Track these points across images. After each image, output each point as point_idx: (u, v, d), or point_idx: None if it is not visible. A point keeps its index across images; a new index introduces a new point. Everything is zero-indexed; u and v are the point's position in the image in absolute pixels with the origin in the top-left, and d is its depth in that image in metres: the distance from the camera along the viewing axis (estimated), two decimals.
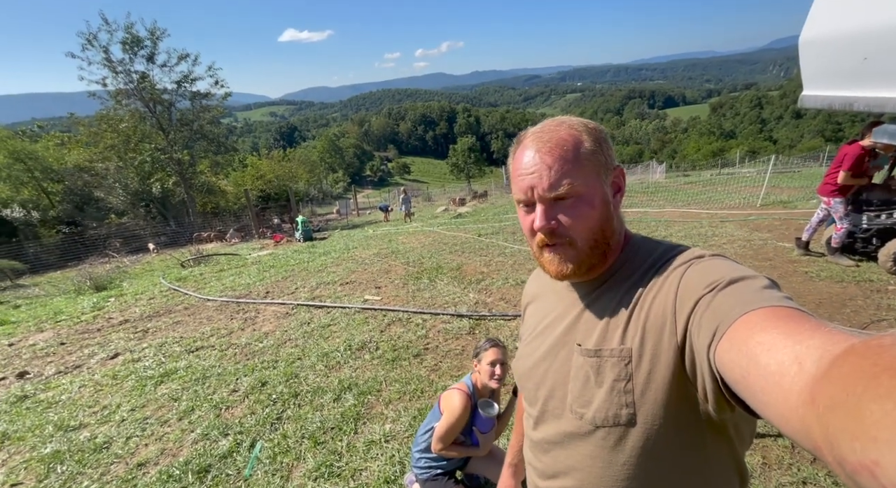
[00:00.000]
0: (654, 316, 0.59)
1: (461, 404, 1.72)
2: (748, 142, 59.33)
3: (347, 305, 4.75)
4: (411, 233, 9.76)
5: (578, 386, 0.65)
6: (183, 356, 3.91)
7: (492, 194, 21.81)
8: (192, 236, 15.41)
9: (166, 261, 11.14)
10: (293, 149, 55.82)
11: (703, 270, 0.57)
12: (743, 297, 0.49)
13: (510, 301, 4.45)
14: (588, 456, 0.65)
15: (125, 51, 17.92)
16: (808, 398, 0.34)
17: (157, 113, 19.18)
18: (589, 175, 0.63)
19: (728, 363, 0.45)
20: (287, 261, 8.03)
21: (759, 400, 0.41)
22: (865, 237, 4.48)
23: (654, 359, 0.58)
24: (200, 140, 20.69)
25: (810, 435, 0.33)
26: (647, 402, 0.59)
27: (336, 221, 20.47)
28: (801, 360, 0.37)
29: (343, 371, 3.30)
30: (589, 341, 0.65)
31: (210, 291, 6.20)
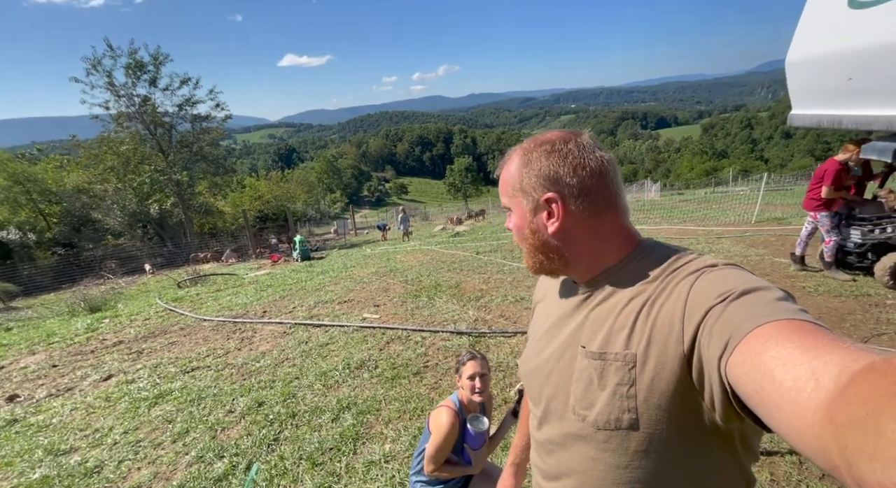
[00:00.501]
0: (661, 322, 0.58)
1: (448, 421, 1.69)
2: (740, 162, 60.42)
3: (346, 324, 4.71)
4: (409, 252, 9.76)
5: (581, 388, 0.65)
6: (178, 377, 3.83)
7: (489, 213, 21.95)
8: (188, 257, 15.35)
9: (162, 281, 11.05)
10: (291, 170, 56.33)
11: (715, 280, 0.56)
12: (756, 309, 0.48)
13: (510, 318, 4.43)
14: (589, 458, 0.64)
15: (128, 75, 18.27)
16: (826, 415, 0.33)
17: (157, 135, 19.40)
18: (515, 193, 0.71)
19: (741, 377, 0.45)
20: (284, 280, 7.99)
21: (774, 417, 0.40)
22: (860, 252, 4.52)
23: (659, 366, 0.57)
24: (200, 161, 20.87)
25: (827, 453, 0.33)
26: (650, 408, 0.58)
27: (334, 241, 20.48)
28: (818, 376, 0.36)
29: (342, 390, 3.24)
30: (593, 343, 0.65)
31: (206, 311, 6.13)
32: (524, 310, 4.60)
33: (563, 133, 0.69)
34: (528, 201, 0.70)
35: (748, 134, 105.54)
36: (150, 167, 18.68)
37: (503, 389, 3.04)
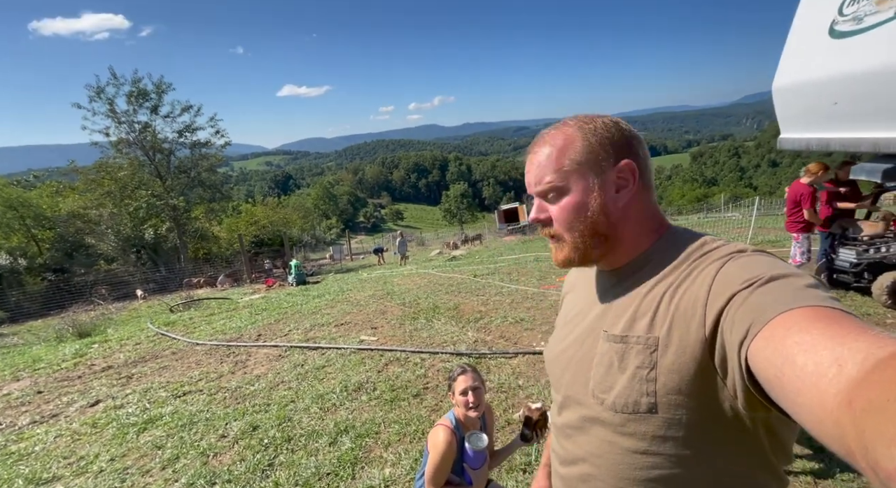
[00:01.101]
0: (685, 306, 0.57)
1: (444, 439, 1.63)
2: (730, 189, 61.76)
3: (343, 346, 4.62)
4: (406, 276, 9.71)
5: (601, 372, 0.64)
6: (169, 401, 3.70)
7: (486, 238, 22.05)
8: (182, 282, 15.15)
9: (154, 307, 10.86)
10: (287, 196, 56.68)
11: (742, 265, 0.55)
12: (783, 295, 0.47)
13: (510, 339, 4.37)
14: (606, 442, 0.63)
15: (130, 103, 18.63)
16: (845, 400, 0.33)
17: (155, 161, 19.58)
18: (573, 172, 0.65)
19: (762, 362, 0.44)
20: (280, 304, 7.88)
21: (793, 402, 0.39)
22: (857, 271, 4.57)
23: (680, 350, 0.56)
24: (197, 187, 20.98)
25: (844, 438, 0.32)
26: (669, 392, 0.57)
27: (330, 266, 20.37)
28: (841, 362, 0.35)
29: (339, 413, 3.14)
30: (616, 327, 0.65)
31: (199, 335, 6.00)
32: (524, 331, 4.55)
33: (587, 118, 0.70)
34: (596, 173, 0.66)
35: (736, 162, 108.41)
36: (147, 192, 18.73)
37: (506, 410, 2.96)
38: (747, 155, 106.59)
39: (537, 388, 3.22)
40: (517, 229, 23.44)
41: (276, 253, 20.88)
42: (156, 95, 19.10)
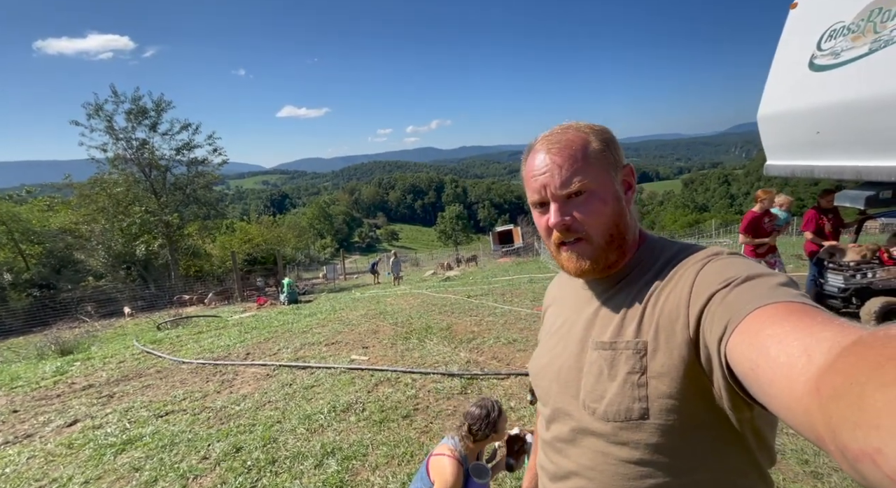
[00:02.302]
0: (669, 309, 0.58)
1: (454, 473, 1.58)
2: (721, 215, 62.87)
3: (333, 366, 4.53)
4: (399, 295, 9.65)
5: (591, 381, 0.64)
6: (150, 421, 3.58)
7: (480, 259, 22.07)
8: (171, 299, 14.91)
9: (141, 324, 10.64)
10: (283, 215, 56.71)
11: (720, 267, 0.57)
12: (757, 293, 0.49)
13: (502, 359, 4.32)
14: (599, 453, 0.63)
15: (129, 120, 18.79)
16: (813, 387, 0.34)
17: (151, 177, 19.60)
18: (598, 172, 0.65)
19: (738, 356, 0.45)
20: (270, 322, 7.76)
21: (766, 393, 0.41)
22: (845, 297, 4.61)
23: (668, 353, 0.57)
24: (192, 204, 20.95)
25: (813, 424, 0.33)
26: (660, 396, 0.57)
27: (323, 285, 20.18)
28: (810, 352, 0.37)
29: (326, 434, 3.05)
30: (604, 334, 0.65)
31: (186, 354, 5.86)
32: (517, 352, 4.50)
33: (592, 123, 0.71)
34: (615, 174, 0.67)
35: (726, 189, 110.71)
36: (142, 208, 18.65)
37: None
38: (737, 182, 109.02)
39: (529, 410, 3.17)
40: (512, 251, 23.52)
41: (268, 271, 20.70)
42: (155, 113, 19.30)
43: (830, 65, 3.65)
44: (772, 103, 4.31)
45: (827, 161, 3.87)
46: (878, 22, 3.23)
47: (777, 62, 4.29)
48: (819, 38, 3.78)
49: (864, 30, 3.35)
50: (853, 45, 3.44)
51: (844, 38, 3.54)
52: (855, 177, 3.72)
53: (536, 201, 0.69)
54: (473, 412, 1.67)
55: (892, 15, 3.12)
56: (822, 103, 3.74)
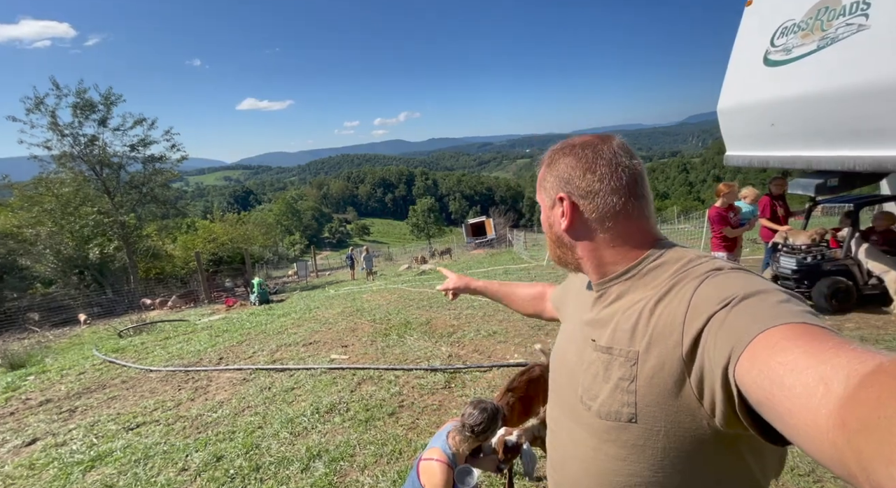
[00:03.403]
0: (664, 324, 0.59)
1: (443, 478, 1.61)
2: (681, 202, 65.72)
3: (312, 366, 4.45)
4: (375, 292, 9.56)
5: (589, 379, 0.68)
6: (120, 435, 3.41)
7: (454, 251, 22.15)
8: (132, 304, 14.14)
9: (100, 332, 10.04)
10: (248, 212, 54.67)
11: (717, 285, 0.56)
12: (759, 314, 0.48)
13: (484, 352, 4.38)
14: (591, 447, 0.67)
15: (75, 115, 17.48)
16: (838, 421, 0.33)
17: (103, 176, 18.39)
18: (539, 189, 0.77)
19: (750, 384, 0.44)
20: (242, 324, 7.52)
21: (787, 424, 0.40)
22: (797, 278, 4.95)
23: (658, 366, 0.58)
24: (150, 203, 19.85)
25: (843, 460, 0.32)
26: (647, 404, 0.59)
27: (294, 283, 19.69)
28: (827, 381, 0.36)
29: (311, 437, 3.01)
30: (602, 338, 0.68)
31: (153, 361, 5.60)
32: (498, 343, 4.58)
33: (590, 138, 0.72)
34: (547, 198, 0.75)
35: (685, 177, 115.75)
36: (94, 209, 17.49)
37: None
38: (695, 170, 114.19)
39: None
40: (485, 242, 23.73)
41: (236, 271, 19.97)
42: (104, 107, 18.03)
43: (783, 60, 3.87)
44: (730, 96, 4.53)
45: (781, 151, 4.12)
46: (824, 20, 3.44)
47: (735, 57, 4.50)
48: (772, 35, 3.99)
49: (812, 27, 3.57)
50: (803, 42, 3.66)
51: (795, 35, 3.75)
52: (806, 166, 3.98)
53: None
54: (475, 414, 1.67)
55: (837, 14, 3.34)
56: (775, 97, 3.96)
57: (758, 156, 4.30)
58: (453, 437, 1.70)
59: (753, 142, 4.35)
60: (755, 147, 4.34)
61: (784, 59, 3.84)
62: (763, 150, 4.25)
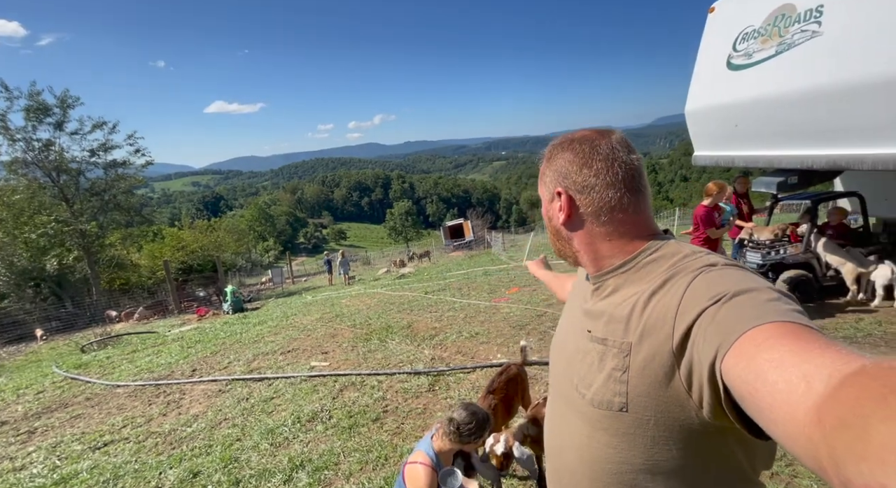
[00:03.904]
0: (656, 316, 0.60)
1: (427, 481, 1.60)
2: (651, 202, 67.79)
3: (292, 375, 4.34)
4: (354, 296, 9.43)
5: (584, 369, 0.69)
6: (86, 455, 3.22)
7: (433, 254, 22.13)
8: (94, 317, 13.42)
9: (59, 348, 9.47)
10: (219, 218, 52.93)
11: (710, 280, 0.57)
12: (748, 311, 0.49)
13: (467, 353, 4.38)
14: (585, 435, 0.68)
15: (28, 119, 16.50)
16: (815, 417, 0.34)
17: (60, 182, 17.42)
18: (540, 184, 0.78)
19: (735, 379, 0.45)
20: (216, 334, 7.26)
21: (766, 418, 0.41)
22: (763, 271, 5.19)
23: (649, 358, 0.59)
24: (112, 211, 18.93)
25: (816, 454, 0.33)
26: (638, 395, 0.61)
27: (269, 290, 19.18)
28: (809, 379, 0.37)
29: (293, 447, 2.93)
30: (598, 329, 0.69)
31: (120, 376, 5.33)
32: (480, 344, 4.59)
33: (588, 133, 0.73)
34: (547, 192, 0.76)
35: (654, 177, 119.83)
36: (51, 218, 16.53)
37: None
38: (663, 171, 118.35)
39: None
40: (463, 244, 23.81)
41: (207, 279, 19.27)
42: (60, 110, 17.11)
43: (745, 64, 4.07)
44: (696, 99, 4.72)
45: (745, 151, 4.32)
46: (782, 27, 3.63)
47: (700, 61, 4.69)
48: (734, 40, 4.19)
49: (770, 33, 3.76)
50: (763, 47, 3.86)
51: (755, 40, 3.95)
52: (768, 165, 4.19)
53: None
54: (464, 414, 1.66)
55: (793, 21, 3.53)
56: (738, 99, 4.16)
57: (724, 156, 4.49)
58: (438, 437, 1.69)
59: (719, 142, 4.54)
60: (721, 147, 4.53)
61: (745, 63, 4.03)
62: (728, 150, 4.44)
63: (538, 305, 5.80)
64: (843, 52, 3.12)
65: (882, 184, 4.59)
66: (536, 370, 3.65)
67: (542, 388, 3.34)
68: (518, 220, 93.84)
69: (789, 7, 3.55)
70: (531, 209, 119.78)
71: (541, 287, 7.16)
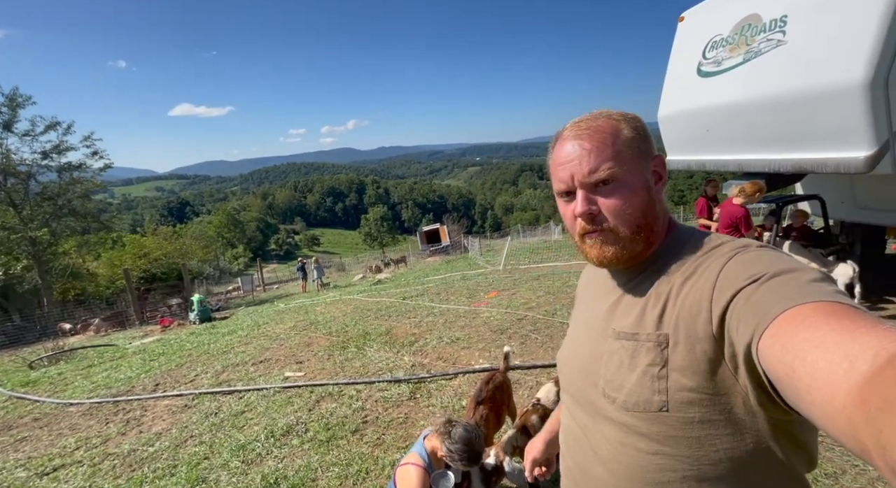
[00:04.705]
0: (691, 303, 0.56)
1: (419, 482, 1.53)
2: None
3: (264, 386, 4.13)
4: (330, 303, 9.17)
5: (612, 370, 0.63)
6: (32, 482, 2.93)
7: (409, 260, 21.96)
8: (45, 331, 12.50)
9: (4, 364, 8.74)
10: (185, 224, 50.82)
11: (746, 261, 0.54)
12: (788, 291, 0.46)
13: (448, 359, 4.29)
14: (619, 443, 0.62)
15: None
16: (858, 398, 0.32)
17: (7, 187, 16.26)
18: (629, 160, 0.63)
19: (771, 359, 0.43)
20: (181, 345, 6.87)
21: (804, 399, 0.38)
22: None
23: (690, 347, 0.55)
24: (67, 216, 17.82)
25: (858, 436, 0.32)
26: (681, 389, 0.56)
27: (239, 299, 18.48)
28: (852, 358, 0.35)
29: (266, 463, 2.75)
30: (626, 325, 0.64)
31: (74, 393, 4.93)
32: (461, 349, 4.51)
33: (619, 112, 0.69)
34: (645, 164, 0.65)
35: None
36: None
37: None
38: None
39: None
40: (440, 249, 23.76)
41: (172, 288, 18.37)
42: (8, 109, 16.03)
43: (714, 72, 4.21)
44: (669, 105, 4.85)
45: (715, 155, 4.46)
46: (748, 35, 3.78)
47: (671, 68, 4.83)
48: (704, 48, 4.33)
49: (738, 42, 3.91)
50: (731, 55, 4.00)
51: (724, 48, 4.09)
52: (737, 169, 4.34)
53: (563, 190, 0.66)
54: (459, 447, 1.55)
55: (759, 30, 3.68)
56: (708, 105, 4.29)
57: (695, 160, 4.62)
58: (431, 439, 1.62)
59: (691, 146, 4.67)
60: (693, 151, 4.66)
61: (715, 71, 4.17)
62: (700, 155, 4.58)
63: (518, 309, 5.78)
64: (806, 60, 3.26)
65: (840, 188, 4.83)
66: (520, 375, 3.61)
67: (526, 393, 3.30)
68: (493, 225, 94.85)
69: (755, 17, 3.70)
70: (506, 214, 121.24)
71: (520, 290, 7.17)
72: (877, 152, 2.92)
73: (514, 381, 3.48)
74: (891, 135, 2.90)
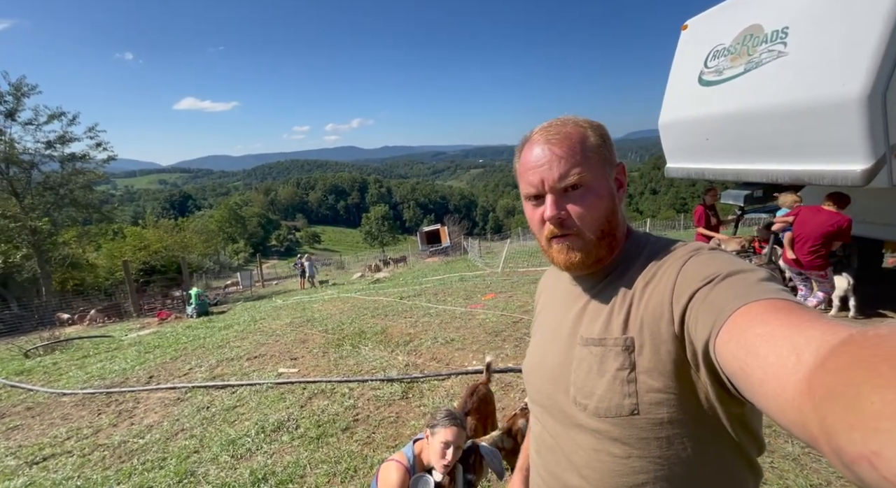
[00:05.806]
0: (654, 305, 0.59)
1: (398, 479, 1.52)
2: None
3: (258, 382, 4.14)
4: (327, 301, 9.19)
5: (581, 377, 0.64)
6: (21, 471, 2.94)
7: (409, 259, 21.97)
8: (43, 320, 12.53)
9: (1, 352, 8.76)
10: (186, 218, 50.89)
11: (701, 263, 0.57)
12: (740, 290, 0.49)
13: (442, 360, 4.30)
14: (591, 449, 0.63)
15: None
16: (806, 388, 0.34)
17: (9, 175, 16.31)
18: (595, 167, 0.65)
19: (726, 355, 0.45)
20: (177, 338, 6.89)
21: (757, 392, 0.40)
22: None
23: (655, 349, 0.57)
24: (68, 206, 17.86)
25: (807, 425, 0.33)
26: (650, 391, 0.57)
27: (237, 294, 18.49)
28: (799, 351, 0.37)
29: (256, 459, 2.76)
30: (593, 331, 0.65)
31: (68, 383, 4.95)
32: (456, 351, 4.52)
33: (581, 118, 0.70)
34: (609, 170, 0.67)
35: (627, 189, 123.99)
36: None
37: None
38: (633, 183, 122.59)
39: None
40: (440, 250, 23.76)
41: (171, 281, 18.39)
42: (13, 98, 16.09)
43: (715, 81, 4.22)
44: (669, 112, 4.86)
45: (714, 164, 4.47)
46: (750, 46, 3.79)
47: (673, 76, 4.84)
48: (706, 57, 4.34)
49: (739, 52, 3.92)
50: (732, 65, 4.01)
51: (725, 58, 4.10)
52: (736, 178, 4.34)
53: (532, 194, 0.67)
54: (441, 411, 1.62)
55: (761, 41, 3.69)
56: (709, 114, 4.30)
57: (694, 169, 4.63)
58: (420, 443, 1.62)
59: (690, 155, 4.68)
60: (692, 160, 4.67)
61: (716, 80, 4.18)
62: (699, 163, 4.58)
63: (514, 312, 5.79)
64: (805, 72, 3.27)
65: None
66: (511, 377, 3.61)
67: (516, 395, 3.30)
68: (494, 228, 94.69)
69: (757, 28, 3.71)
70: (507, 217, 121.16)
71: (517, 293, 7.18)
72: (874, 166, 2.93)
73: (506, 384, 3.49)
74: (888, 148, 2.91)
